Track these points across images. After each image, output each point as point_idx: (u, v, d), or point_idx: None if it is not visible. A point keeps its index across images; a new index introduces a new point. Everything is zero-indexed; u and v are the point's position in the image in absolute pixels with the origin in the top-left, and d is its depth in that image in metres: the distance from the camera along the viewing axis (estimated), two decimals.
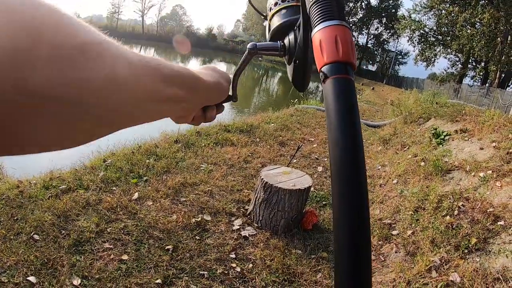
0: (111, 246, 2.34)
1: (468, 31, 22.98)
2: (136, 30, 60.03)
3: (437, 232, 2.70)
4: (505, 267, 2.15)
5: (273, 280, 2.38)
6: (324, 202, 3.79)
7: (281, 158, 5.14)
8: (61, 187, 2.84)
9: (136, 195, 3.08)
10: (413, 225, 3.03)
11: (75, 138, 0.24)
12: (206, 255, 2.51)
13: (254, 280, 2.36)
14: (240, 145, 5.21)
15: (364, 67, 54.68)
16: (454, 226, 2.73)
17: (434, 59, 29.29)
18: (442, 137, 4.97)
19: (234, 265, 2.47)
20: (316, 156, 5.56)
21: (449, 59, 29.74)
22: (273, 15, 0.43)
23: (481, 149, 4.10)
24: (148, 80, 0.27)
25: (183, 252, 2.48)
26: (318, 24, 0.32)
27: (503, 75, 22.48)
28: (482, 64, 25.32)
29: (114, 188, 3.11)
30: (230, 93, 0.48)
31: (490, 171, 3.47)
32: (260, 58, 52.87)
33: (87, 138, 0.25)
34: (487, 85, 23.24)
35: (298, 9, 0.39)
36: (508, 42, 21.02)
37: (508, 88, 22.46)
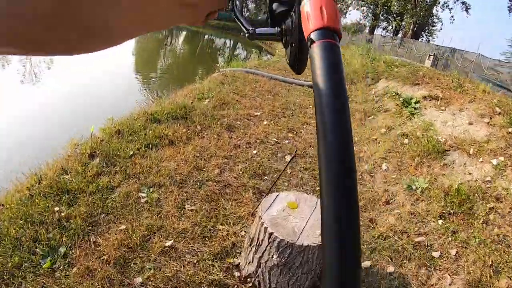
0: None
1: None
2: None
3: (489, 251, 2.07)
4: None
5: None
6: None
7: (239, 151, 3.98)
8: None
9: None
10: (449, 237, 2.35)
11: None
12: None
13: None
14: (181, 142, 3.84)
15: None
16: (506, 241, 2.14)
17: (346, 11, 30.23)
18: (413, 105, 4.40)
19: None
20: (275, 139, 4.53)
21: (362, 11, 30.77)
22: None
23: (470, 124, 3.58)
24: None
25: None
26: None
27: (415, 27, 24.39)
28: (394, 15, 27.04)
29: None
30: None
31: (502, 158, 2.94)
32: None
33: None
34: (400, 35, 24.97)
35: None
36: None
37: (420, 39, 24.43)
